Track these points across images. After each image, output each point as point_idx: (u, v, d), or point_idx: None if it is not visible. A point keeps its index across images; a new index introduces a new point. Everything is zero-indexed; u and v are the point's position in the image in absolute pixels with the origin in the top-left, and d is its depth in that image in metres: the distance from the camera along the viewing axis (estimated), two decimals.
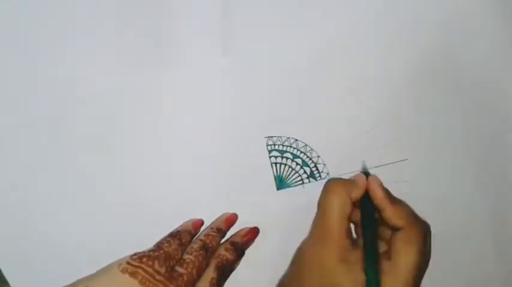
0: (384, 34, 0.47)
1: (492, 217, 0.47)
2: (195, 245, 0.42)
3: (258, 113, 0.47)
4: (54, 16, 0.46)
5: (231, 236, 0.45)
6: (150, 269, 0.38)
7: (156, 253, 0.39)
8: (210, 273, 0.41)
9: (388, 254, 0.39)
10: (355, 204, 0.41)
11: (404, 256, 0.38)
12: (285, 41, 0.47)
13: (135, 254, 0.39)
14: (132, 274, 0.37)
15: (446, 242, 0.46)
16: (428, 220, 0.41)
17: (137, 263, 0.38)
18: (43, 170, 0.45)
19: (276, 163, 0.46)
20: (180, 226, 0.44)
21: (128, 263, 0.38)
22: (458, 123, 0.47)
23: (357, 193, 0.41)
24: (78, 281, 0.38)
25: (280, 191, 0.46)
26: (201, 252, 0.41)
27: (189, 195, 0.46)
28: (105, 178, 0.46)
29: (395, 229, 0.40)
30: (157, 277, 0.38)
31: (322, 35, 0.47)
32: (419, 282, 0.40)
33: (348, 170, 0.46)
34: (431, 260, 0.41)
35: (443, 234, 0.44)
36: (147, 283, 0.37)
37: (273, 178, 0.46)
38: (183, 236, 0.42)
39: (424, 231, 0.39)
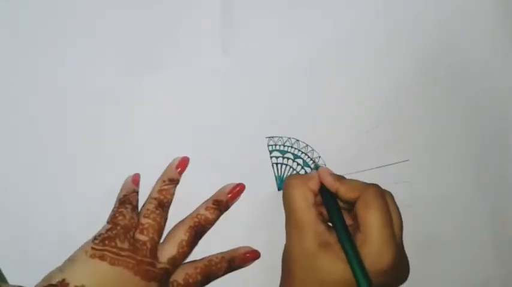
0: (384, 34, 0.47)
1: (492, 217, 0.47)
2: (150, 205, 0.42)
3: (259, 113, 0.47)
4: (54, 16, 0.46)
5: (214, 194, 0.45)
6: (114, 249, 0.39)
7: (114, 231, 0.40)
8: (180, 235, 0.41)
9: (358, 227, 0.40)
10: (316, 195, 0.42)
11: (369, 220, 0.39)
12: (285, 41, 0.47)
13: (95, 238, 0.40)
14: (101, 257, 0.39)
15: (447, 243, 0.46)
16: (429, 220, 0.41)
17: (101, 246, 0.39)
18: (43, 170, 0.45)
19: (277, 163, 0.46)
20: (123, 189, 0.44)
21: (93, 248, 0.39)
22: (459, 123, 0.47)
23: (313, 183, 0.42)
24: (51, 275, 0.39)
25: (281, 191, 0.46)
26: (158, 212, 0.42)
27: (189, 195, 0.46)
28: (106, 178, 0.46)
29: (354, 204, 0.41)
30: (123, 253, 0.39)
31: (322, 35, 0.48)
32: (398, 240, 0.40)
33: (349, 170, 0.46)
34: (431, 261, 0.41)
35: (443, 234, 0.44)
36: (116, 262, 0.38)
37: (274, 178, 0.47)
38: (132, 199, 0.43)
39: (378, 191, 0.40)
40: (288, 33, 0.48)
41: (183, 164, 0.45)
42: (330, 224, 0.42)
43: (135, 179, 0.45)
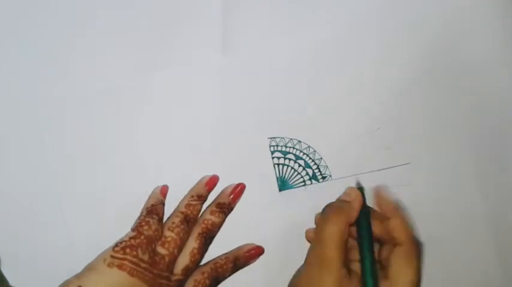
0: (384, 35, 0.47)
1: (492, 218, 0.47)
2: (176, 219, 0.42)
3: (260, 114, 0.47)
4: (54, 16, 0.45)
5: (216, 197, 0.45)
6: (135, 259, 0.38)
7: (138, 240, 0.39)
8: (191, 243, 0.41)
9: (385, 273, 0.38)
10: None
11: (403, 275, 0.37)
12: (285, 41, 0.47)
13: (117, 245, 0.39)
14: (120, 267, 0.38)
15: (447, 244, 0.46)
16: (429, 221, 0.41)
17: (121, 255, 0.38)
18: (43, 170, 0.45)
19: (278, 164, 0.46)
20: (151, 198, 0.44)
21: (112, 256, 0.38)
22: (460, 125, 0.47)
23: (354, 215, 0.40)
24: (69, 281, 0.38)
25: (282, 192, 0.46)
26: (182, 227, 0.41)
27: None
28: (106, 177, 0.46)
29: (392, 244, 0.39)
30: (142, 265, 0.38)
31: (322, 35, 0.47)
32: None
33: (350, 172, 0.46)
34: (431, 261, 0.41)
35: (443, 236, 0.45)
36: (135, 272, 0.38)
37: (275, 178, 0.47)
38: (159, 210, 0.42)
39: (420, 249, 0.39)
40: (288, 33, 0.47)
41: (211, 182, 0.45)
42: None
43: (164, 191, 0.44)
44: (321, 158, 0.47)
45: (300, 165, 0.47)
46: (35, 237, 0.45)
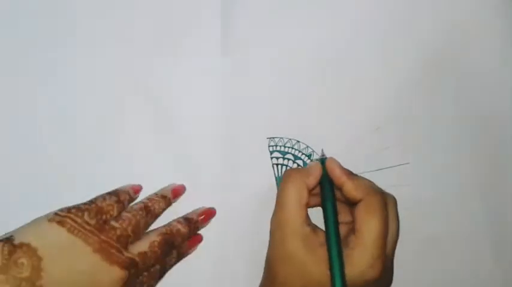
0: (385, 35, 0.47)
1: (492, 218, 0.47)
2: (136, 205, 0.42)
3: (259, 114, 0.47)
4: (54, 15, 0.46)
5: (188, 213, 0.45)
6: (78, 220, 0.37)
7: (87, 206, 0.39)
8: (153, 236, 0.41)
9: (353, 229, 0.39)
10: (311, 192, 0.42)
11: (367, 226, 0.38)
12: (285, 41, 0.47)
13: (64, 207, 0.38)
14: (60, 223, 0.37)
15: (447, 244, 0.46)
16: (429, 222, 0.41)
17: (64, 213, 0.37)
18: (43, 170, 0.45)
19: (277, 164, 0.47)
20: (119, 187, 0.43)
21: (56, 213, 0.38)
22: (460, 125, 0.47)
23: (312, 180, 0.41)
24: (4, 234, 0.37)
25: None
26: (140, 212, 0.41)
27: (190, 195, 0.46)
28: (106, 177, 0.45)
29: (355, 203, 0.40)
30: (87, 227, 0.37)
31: (322, 35, 0.48)
32: (391, 252, 0.40)
33: None
34: (431, 261, 0.41)
35: (443, 236, 0.44)
36: (76, 231, 0.37)
37: (274, 179, 0.47)
38: (121, 195, 0.42)
39: (383, 199, 0.40)
40: (288, 33, 0.48)
41: (176, 191, 0.45)
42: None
43: (135, 188, 0.44)
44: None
45: (298, 165, 0.47)
46: None
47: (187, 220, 0.43)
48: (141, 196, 0.44)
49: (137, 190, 0.44)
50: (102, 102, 0.46)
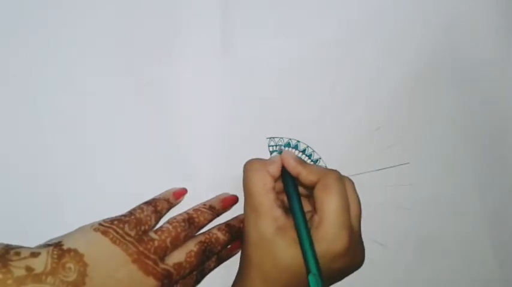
0: (385, 35, 0.48)
1: (492, 218, 0.47)
2: (179, 216, 0.42)
3: (259, 114, 0.47)
4: (54, 15, 0.46)
5: (230, 219, 0.45)
6: (120, 231, 0.39)
7: (127, 218, 0.40)
8: (191, 246, 0.41)
9: (315, 211, 0.40)
10: (276, 180, 0.42)
11: (326, 201, 0.39)
12: (285, 40, 0.47)
13: (107, 218, 0.40)
14: (104, 233, 0.38)
15: (447, 244, 0.46)
16: (429, 222, 0.41)
17: (108, 224, 0.39)
18: (43, 170, 0.45)
19: None
20: (160, 194, 0.44)
21: (100, 224, 0.39)
22: (459, 125, 0.47)
23: (273, 168, 0.42)
24: (52, 239, 0.39)
25: None
26: (182, 224, 0.41)
27: (189, 195, 0.46)
28: (107, 176, 0.46)
29: (313, 187, 0.41)
30: (127, 238, 0.39)
31: (323, 35, 0.48)
32: (356, 228, 0.41)
33: (349, 172, 0.46)
34: (431, 261, 0.41)
35: (443, 235, 0.44)
36: (118, 241, 0.38)
37: None
38: (159, 204, 0.42)
39: (337, 176, 0.40)
40: (289, 33, 0.48)
41: (227, 201, 0.46)
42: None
43: (178, 193, 0.45)
44: (320, 158, 0.47)
45: None
46: (35, 237, 0.45)
47: (228, 226, 0.44)
48: (141, 198, 0.44)
49: (180, 194, 0.45)
50: (102, 102, 0.46)
